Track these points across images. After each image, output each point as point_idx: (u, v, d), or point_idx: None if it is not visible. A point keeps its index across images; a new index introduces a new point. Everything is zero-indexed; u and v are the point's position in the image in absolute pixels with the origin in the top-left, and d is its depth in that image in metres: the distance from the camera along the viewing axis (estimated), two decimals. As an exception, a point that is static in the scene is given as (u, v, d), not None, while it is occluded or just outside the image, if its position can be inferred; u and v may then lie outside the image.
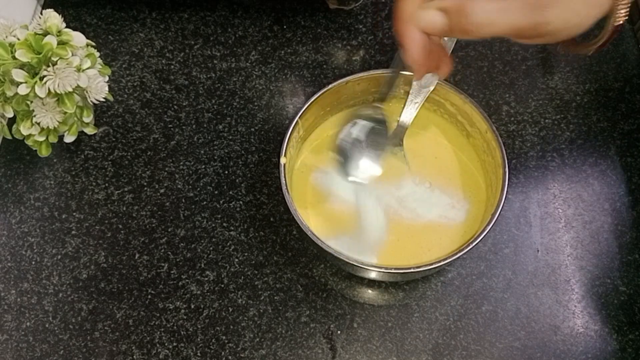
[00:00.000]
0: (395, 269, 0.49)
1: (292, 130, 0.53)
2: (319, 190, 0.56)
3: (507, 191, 0.50)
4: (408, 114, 0.55)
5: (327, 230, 0.54)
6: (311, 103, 0.54)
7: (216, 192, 0.59)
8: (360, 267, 0.48)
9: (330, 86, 0.54)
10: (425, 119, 0.58)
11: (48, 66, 0.51)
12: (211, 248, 0.56)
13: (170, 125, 0.62)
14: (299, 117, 0.53)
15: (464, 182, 0.56)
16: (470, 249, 0.48)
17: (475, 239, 0.49)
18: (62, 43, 0.52)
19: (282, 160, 0.52)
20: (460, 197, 0.55)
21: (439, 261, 0.48)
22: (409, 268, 0.48)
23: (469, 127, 0.56)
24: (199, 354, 0.52)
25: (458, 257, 0.48)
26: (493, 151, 0.53)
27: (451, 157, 0.57)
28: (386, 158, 0.55)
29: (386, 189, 0.55)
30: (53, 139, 0.56)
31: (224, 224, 0.57)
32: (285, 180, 0.51)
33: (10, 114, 0.53)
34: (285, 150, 0.52)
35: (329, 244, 0.49)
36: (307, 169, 0.57)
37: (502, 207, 0.49)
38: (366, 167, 0.51)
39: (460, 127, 0.57)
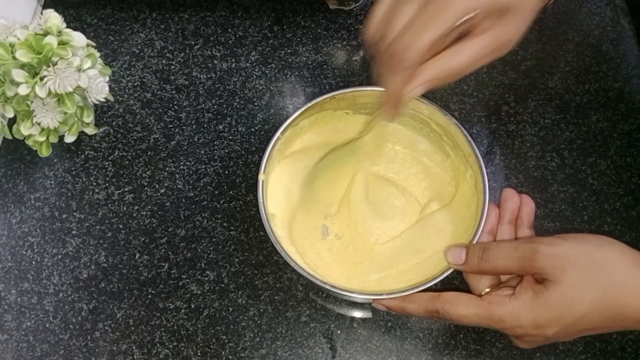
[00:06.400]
0: (378, 294, 0.48)
1: (273, 146, 0.52)
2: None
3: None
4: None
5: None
6: (294, 118, 0.53)
7: (216, 192, 0.59)
8: (334, 291, 0.48)
9: (314, 102, 0.53)
10: (409, 137, 0.58)
11: (48, 66, 0.51)
12: (211, 248, 0.56)
13: (170, 126, 0.62)
14: (281, 133, 0.52)
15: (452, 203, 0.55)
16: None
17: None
18: (62, 43, 0.52)
19: (261, 177, 0.51)
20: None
21: (425, 283, 0.47)
22: (393, 293, 0.47)
23: (450, 150, 0.55)
24: (199, 354, 0.52)
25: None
26: (476, 176, 0.52)
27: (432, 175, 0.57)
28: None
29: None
30: (53, 139, 0.56)
31: (224, 224, 0.57)
32: (263, 198, 0.50)
33: (10, 114, 0.53)
34: (265, 166, 0.51)
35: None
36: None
37: (479, 235, 0.49)
38: None
39: (442, 147, 0.56)
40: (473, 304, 0.45)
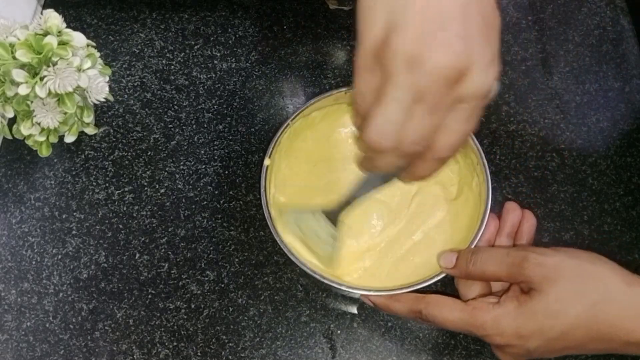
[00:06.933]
0: (374, 290, 0.48)
1: (282, 132, 0.52)
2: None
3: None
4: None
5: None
6: (305, 108, 0.53)
7: (216, 192, 0.59)
8: (334, 285, 0.48)
9: (327, 94, 0.53)
10: None
11: (48, 66, 0.51)
12: (211, 248, 0.56)
13: (170, 126, 0.62)
14: (291, 120, 0.52)
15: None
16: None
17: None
18: (62, 43, 0.52)
19: (266, 161, 0.51)
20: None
21: (415, 285, 0.47)
22: (388, 290, 0.47)
23: (460, 157, 0.55)
24: (199, 354, 0.52)
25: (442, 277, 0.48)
26: (481, 185, 0.52)
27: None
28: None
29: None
30: (53, 139, 0.56)
31: (224, 224, 0.57)
32: (265, 182, 0.50)
33: (10, 114, 0.53)
34: (272, 152, 0.51)
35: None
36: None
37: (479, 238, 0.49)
38: None
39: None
40: (457, 308, 0.44)
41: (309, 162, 0.56)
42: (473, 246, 0.48)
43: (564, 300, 0.41)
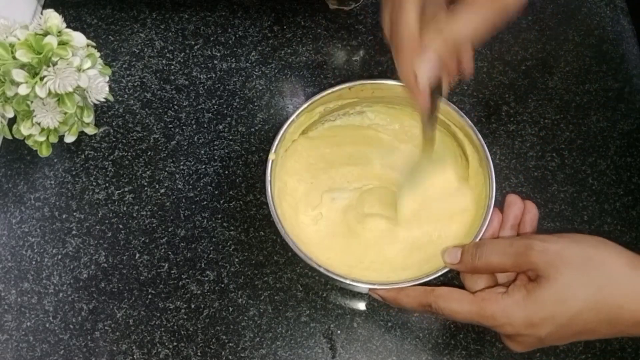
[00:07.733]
0: (379, 284, 0.48)
1: (287, 127, 0.52)
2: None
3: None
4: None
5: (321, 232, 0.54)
6: (310, 104, 0.53)
7: (216, 192, 0.59)
8: (337, 278, 0.48)
9: (332, 90, 0.54)
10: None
11: (48, 66, 0.51)
12: (211, 248, 0.56)
13: (170, 126, 0.62)
14: (296, 116, 0.53)
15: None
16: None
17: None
18: (62, 43, 0.52)
19: (271, 156, 0.51)
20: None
21: (421, 278, 0.47)
22: (395, 283, 0.47)
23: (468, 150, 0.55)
24: (199, 354, 0.52)
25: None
26: (485, 180, 0.52)
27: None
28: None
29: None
30: (53, 139, 0.56)
31: (224, 224, 0.57)
32: (270, 177, 0.50)
33: (10, 114, 0.53)
34: (277, 147, 0.52)
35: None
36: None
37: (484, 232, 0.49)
38: None
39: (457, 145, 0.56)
40: (465, 300, 0.44)
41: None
42: (477, 240, 0.48)
43: (571, 286, 0.41)
